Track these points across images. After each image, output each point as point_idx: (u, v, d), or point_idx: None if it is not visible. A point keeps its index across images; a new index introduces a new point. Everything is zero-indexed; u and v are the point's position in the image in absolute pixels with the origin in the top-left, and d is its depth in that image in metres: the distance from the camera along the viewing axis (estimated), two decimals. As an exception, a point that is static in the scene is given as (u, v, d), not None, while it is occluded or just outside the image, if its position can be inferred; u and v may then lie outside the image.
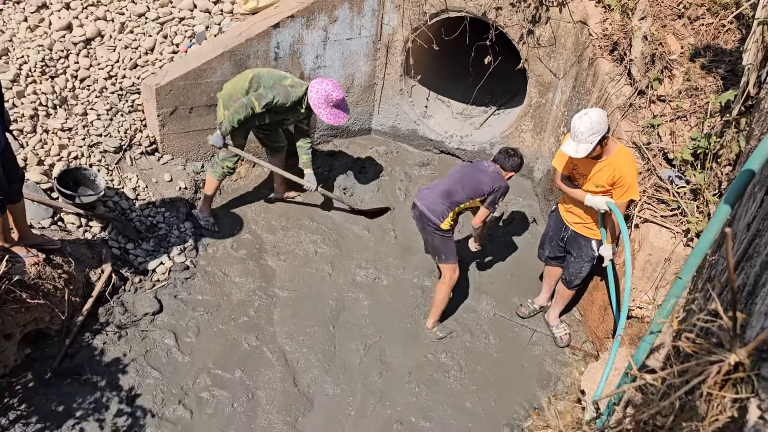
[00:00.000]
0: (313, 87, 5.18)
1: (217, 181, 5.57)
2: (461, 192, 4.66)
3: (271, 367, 4.71)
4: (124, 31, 5.92)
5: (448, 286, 4.93)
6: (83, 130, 5.41)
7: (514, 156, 4.78)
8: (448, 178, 4.80)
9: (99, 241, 5.05)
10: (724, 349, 1.10)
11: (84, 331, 4.65)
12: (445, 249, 4.80)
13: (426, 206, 4.70)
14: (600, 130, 3.94)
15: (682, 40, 5.15)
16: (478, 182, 4.65)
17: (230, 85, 5.24)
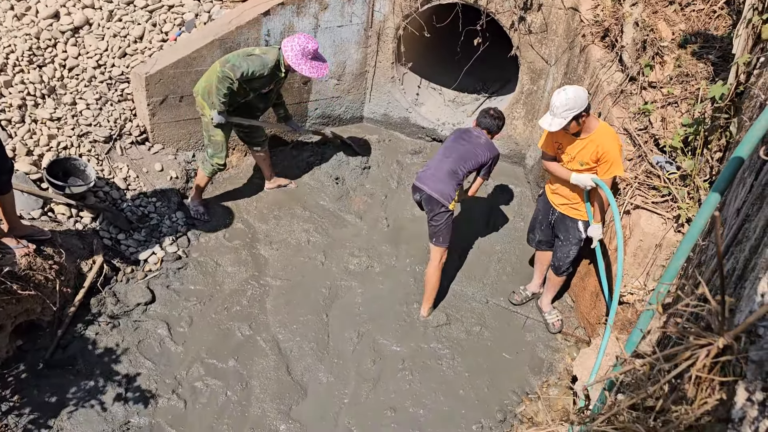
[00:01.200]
0: (286, 46, 5.05)
1: (207, 177, 5.57)
2: (464, 168, 4.74)
3: (265, 356, 4.72)
4: (112, 19, 5.86)
5: (439, 269, 4.96)
6: (72, 119, 5.36)
7: (498, 118, 4.88)
8: (448, 157, 4.76)
9: (90, 231, 5.02)
10: (713, 333, 1.11)
11: (76, 321, 4.64)
12: (446, 231, 4.83)
13: (434, 190, 4.69)
14: (575, 107, 3.98)
15: (674, 26, 5.15)
16: (477, 155, 4.75)
17: (203, 81, 5.17)
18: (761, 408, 0.92)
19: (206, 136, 5.38)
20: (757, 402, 0.94)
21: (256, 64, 4.97)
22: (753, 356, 1.05)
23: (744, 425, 0.94)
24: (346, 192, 6.25)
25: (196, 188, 5.65)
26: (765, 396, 0.92)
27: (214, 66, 5.14)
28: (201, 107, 5.24)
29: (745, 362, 1.05)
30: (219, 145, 5.37)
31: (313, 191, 6.22)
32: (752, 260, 1.77)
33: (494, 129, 4.87)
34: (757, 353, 1.03)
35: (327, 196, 6.17)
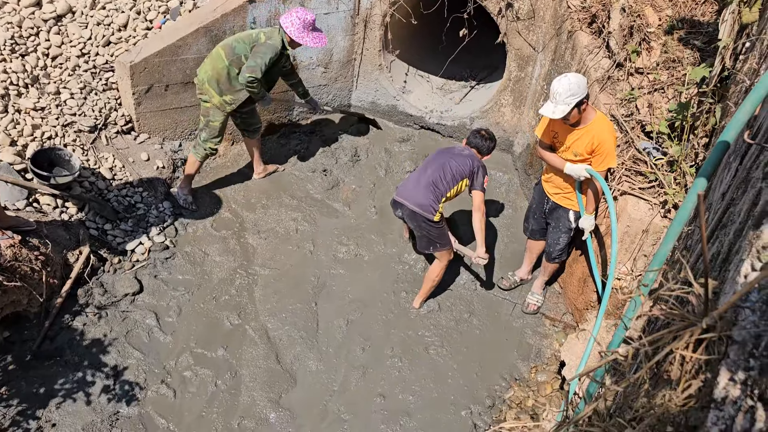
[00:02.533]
0: (286, 22, 5.10)
1: (198, 161, 5.54)
2: (444, 180, 4.62)
3: (254, 345, 4.72)
4: (96, 7, 5.78)
5: (442, 269, 4.95)
6: (56, 109, 5.30)
7: (489, 139, 4.82)
8: (427, 170, 4.68)
9: (76, 222, 4.98)
10: (697, 315, 1.12)
11: (63, 313, 4.60)
12: (440, 238, 4.76)
13: (415, 203, 4.59)
14: (578, 93, 3.96)
15: (660, 12, 5.16)
16: (458, 165, 4.66)
17: (208, 68, 5.14)
18: (743, 387, 0.93)
19: (204, 121, 5.37)
20: (739, 381, 0.95)
21: (269, 53, 5.04)
22: (736, 336, 1.06)
23: (726, 405, 0.95)
24: (335, 181, 6.23)
25: (186, 176, 5.62)
26: (747, 376, 0.93)
27: (216, 52, 5.14)
28: (206, 94, 5.22)
29: (728, 342, 1.06)
30: (216, 131, 5.38)
31: (301, 181, 6.20)
32: (736, 243, 1.78)
33: (484, 150, 4.80)
34: (740, 333, 1.04)
35: (315, 186, 6.15)
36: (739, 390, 0.94)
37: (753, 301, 1.07)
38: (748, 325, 1.02)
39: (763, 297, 1.04)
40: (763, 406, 0.85)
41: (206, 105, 5.29)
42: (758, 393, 0.88)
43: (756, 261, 1.17)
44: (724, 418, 0.94)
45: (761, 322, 0.98)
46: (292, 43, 5.22)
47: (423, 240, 4.81)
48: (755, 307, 1.05)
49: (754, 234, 1.26)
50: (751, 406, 0.88)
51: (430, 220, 4.61)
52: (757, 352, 0.94)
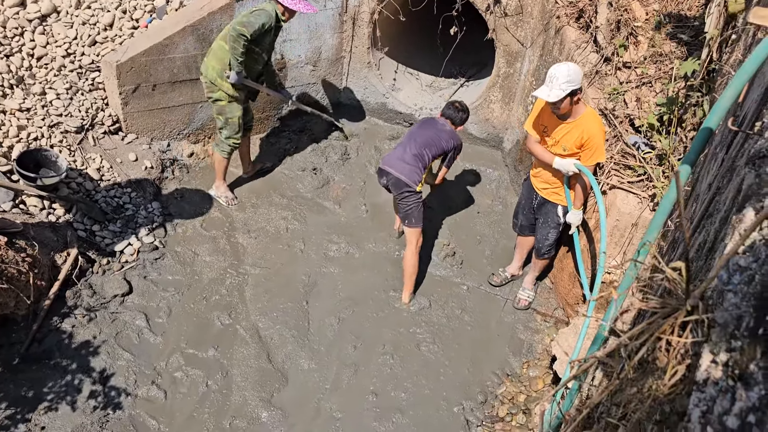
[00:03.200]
0: None
1: (225, 159, 5.61)
2: (429, 153, 4.84)
3: (245, 345, 4.69)
4: (81, 7, 5.74)
5: (415, 253, 4.97)
6: (42, 110, 5.25)
7: (462, 111, 4.98)
8: (413, 141, 4.85)
9: (63, 223, 4.94)
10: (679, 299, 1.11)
11: (51, 315, 4.56)
12: (416, 212, 4.87)
13: (401, 172, 4.76)
14: (574, 81, 3.97)
15: (647, 6, 5.17)
16: (441, 140, 4.85)
17: (213, 63, 5.15)
18: (725, 369, 0.92)
19: (222, 120, 5.40)
20: (721, 363, 0.94)
21: (263, 17, 4.98)
22: (718, 318, 1.05)
23: (708, 386, 0.94)
24: (325, 180, 6.21)
25: (219, 175, 5.70)
26: (729, 357, 0.93)
27: (217, 45, 5.15)
28: (220, 89, 5.22)
29: (710, 324, 1.05)
30: (236, 126, 5.43)
31: (291, 179, 6.18)
32: (722, 231, 1.78)
33: (457, 120, 4.97)
34: (722, 315, 1.03)
35: (305, 184, 6.13)
36: (720, 371, 0.93)
37: (735, 283, 1.07)
38: (731, 307, 1.01)
39: (745, 279, 1.03)
40: (744, 386, 0.85)
41: (220, 104, 5.31)
42: (739, 373, 0.87)
43: (739, 244, 1.17)
44: (705, 399, 0.93)
45: (742, 304, 0.98)
46: (286, 14, 5.17)
47: (401, 211, 4.95)
48: (737, 289, 1.04)
49: (737, 218, 1.26)
50: (732, 386, 0.87)
51: (412, 189, 4.77)
52: (738, 333, 0.94)
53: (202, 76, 5.28)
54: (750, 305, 0.95)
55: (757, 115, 1.87)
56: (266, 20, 4.99)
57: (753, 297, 0.95)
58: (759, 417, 0.77)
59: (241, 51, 4.98)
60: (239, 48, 4.96)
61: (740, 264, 1.10)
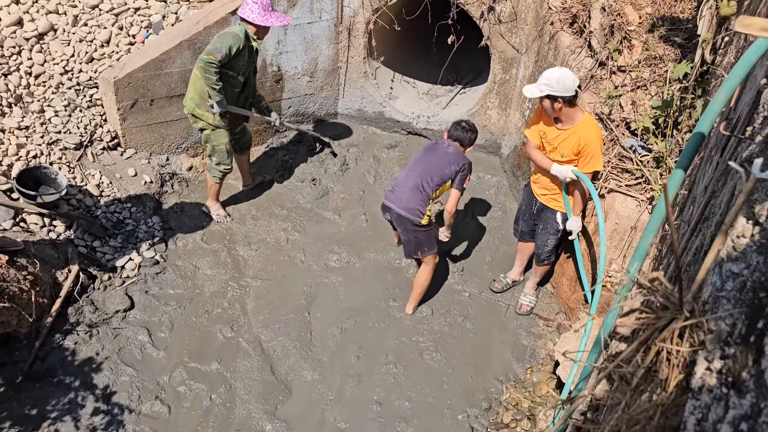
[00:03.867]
0: (244, 11, 4.97)
1: (218, 184, 5.60)
2: (431, 182, 4.55)
3: (248, 357, 4.69)
4: (77, 24, 5.77)
5: (430, 273, 4.93)
6: (41, 127, 5.28)
7: (470, 131, 4.71)
8: (413, 171, 4.63)
9: (64, 240, 4.95)
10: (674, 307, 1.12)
11: (54, 332, 4.57)
12: (428, 242, 4.72)
13: (402, 207, 4.55)
14: (554, 87, 4.01)
15: (640, 10, 5.20)
16: (443, 166, 4.58)
17: (193, 93, 5.11)
18: (719, 376, 0.93)
19: (209, 147, 5.37)
20: (715, 370, 0.95)
21: (230, 40, 4.87)
22: (713, 325, 1.06)
23: (703, 393, 0.95)
24: (324, 190, 6.23)
25: (211, 196, 5.71)
26: (722, 364, 0.94)
27: (194, 74, 5.09)
28: (201, 119, 5.19)
29: (704, 331, 1.06)
30: (223, 152, 5.39)
31: (290, 191, 6.20)
32: (718, 235, 1.79)
33: (466, 141, 4.70)
34: (717, 322, 1.04)
35: (304, 195, 6.15)
36: (715, 378, 0.94)
37: (728, 290, 1.08)
38: (724, 313, 1.02)
39: (737, 285, 1.04)
40: (737, 393, 0.85)
41: (206, 133, 5.28)
42: (732, 381, 0.88)
43: (731, 250, 1.18)
44: (700, 407, 0.94)
45: (735, 311, 0.98)
46: (258, 32, 5.08)
47: (410, 244, 4.77)
48: (730, 295, 1.05)
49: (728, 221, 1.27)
50: (726, 394, 0.88)
51: (418, 224, 4.59)
52: (731, 340, 0.95)
53: (184, 108, 5.24)
54: (742, 312, 0.95)
55: (748, 119, 1.88)
56: (233, 42, 4.88)
57: (745, 304, 0.96)
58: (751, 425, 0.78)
59: (214, 79, 4.90)
60: (212, 77, 4.88)
61: (733, 270, 1.11)
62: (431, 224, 4.71)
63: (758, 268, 0.98)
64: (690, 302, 1.05)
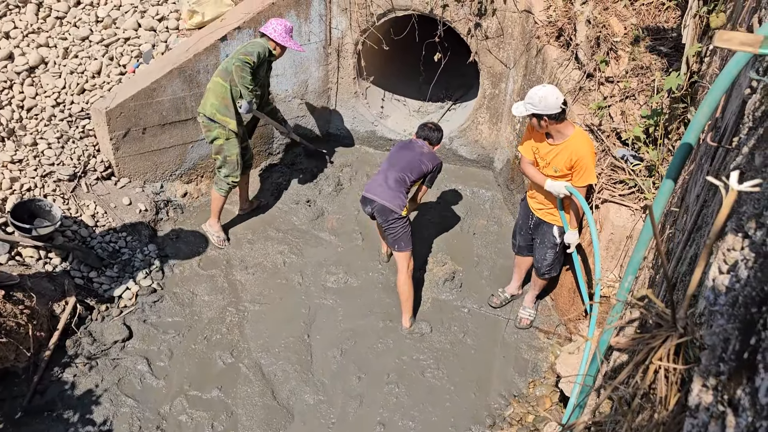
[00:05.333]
0: (269, 29, 5.23)
1: (223, 197, 5.62)
2: (411, 176, 4.87)
3: (249, 383, 4.66)
4: (68, 57, 5.80)
5: (408, 276, 4.98)
6: (34, 160, 5.29)
7: (436, 130, 5.04)
8: (394, 167, 4.89)
9: (60, 272, 4.93)
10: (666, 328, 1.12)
11: (52, 365, 4.54)
12: (404, 236, 4.89)
13: (385, 199, 4.79)
14: (537, 105, 4.03)
15: (625, 21, 5.25)
16: (421, 163, 4.89)
17: (213, 100, 5.20)
18: (715, 393, 0.93)
19: (220, 158, 5.43)
20: (711, 387, 0.95)
21: (258, 47, 5.15)
22: (707, 341, 1.06)
23: (700, 412, 0.95)
24: (320, 211, 6.24)
25: (214, 214, 5.70)
26: (718, 381, 0.93)
27: (214, 82, 5.21)
28: (219, 125, 5.27)
29: (699, 348, 1.06)
30: (234, 164, 5.45)
31: (285, 213, 6.20)
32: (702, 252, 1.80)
33: (434, 140, 5.02)
34: (711, 338, 1.04)
35: (299, 217, 6.15)
36: (711, 396, 0.94)
37: (721, 304, 1.08)
38: (718, 329, 1.02)
39: (730, 300, 1.04)
40: (733, 411, 0.85)
41: (218, 142, 5.34)
42: (728, 398, 0.88)
43: (723, 264, 1.18)
44: (698, 425, 0.94)
45: (728, 326, 0.99)
46: (278, 48, 5.32)
47: (390, 237, 4.96)
48: (723, 310, 1.05)
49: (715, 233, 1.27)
50: (722, 412, 0.88)
51: (398, 215, 4.80)
52: (726, 356, 0.95)
53: (200, 115, 5.31)
54: (735, 327, 0.96)
55: (735, 129, 1.90)
56: (261, 50, 5.15)
57: (738, 319, 0.96)
58: (749, 444, 0.78)
59: (249, 79, 5.12)
60: (247, 76, 5.10)
61: (725, 284, 1.11)
62: (408, 219, 4.92)
63: (749, 283, 0.98)
64: (683, 319, 1.05)
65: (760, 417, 0.75)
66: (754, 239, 1.08)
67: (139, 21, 6.06)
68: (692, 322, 1.09)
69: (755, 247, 1.06)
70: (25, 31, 5.74)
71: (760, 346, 0.81)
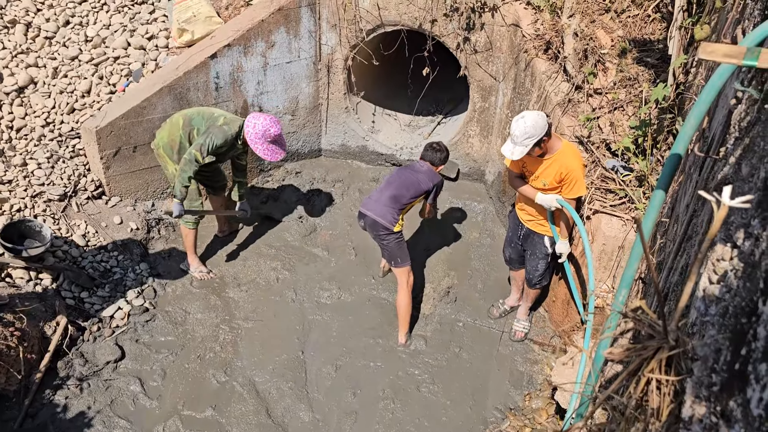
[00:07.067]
0: (249, 122, 4.97)
1: (192, 230, 5.40)
2: (406, 195, 4.87)
3: (243, 401, 4.62)
4: (57, 76, 5.80)
5: (407, 292, 4.96)
6: (24, 180, 5.26)
7: (440, 150, 5.02)
8: (391, 184, 4.93)
9: (51, 293, 4.89)
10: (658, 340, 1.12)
11: (44, 388, 4.49)
12: (399, 252, 4.89)
13: (377, 214, 4.81)
14: (535, 134, 3.99)
15: (612, 33, 5.31)
16: (419, 183, 4.91)
17: (165, 135, 5.08)
18: (708, 404, 0.93)
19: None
20: (704, 398, 0.94)
21: (218, 137, 4.89)
22: (699, 351, 1.06)
23: (693, 424, 0.95)
24: (312, 227, 6.22)
25: (188, 250, 5.49)
26: (710, 392, 0.93)
27: (175, 119, 5.08)
28: (162, 161, 5.17)
29: (691, 359, 1.06)
30: (193, 194, 5.28)
31: (278, 229, 6.18)
32: (691, 267, 1.80)
33: (437, 161, 5.00)
34: (703, 348, 1.04)
35: (292, 233, 6.13)
36: (704, 408, 0.93)
37: (712, 314, 1.08)
38: (709, 339, 1.02)
39: (720, 310, 1.04)
40: (726, 423, 0.85)
41: (171, 173, 5.18)
42: (720, 410, 0.88)
43: (713, 274, 1.19)
44: (692, 437, 0.93)
45: (719, 336, 0.99)
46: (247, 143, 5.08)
47: (385, 252, 4.99)
48: (714, 320, 1.05)
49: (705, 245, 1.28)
50: (715, 423, 0.88)
51: (389, 229, 4.81)
52: (717, 367, 0.95)
53: (154, 145, 5.18)
54: (726, 338, 0.96)
55: (722, 139, 1.92)
56: (220, 141, 4.88)
57: (728, 329, 0.96)
58: (742, 456, 0.78)
59: (188, 176, 4.85)
60: (188, 172, 4.83)
61: (716, 294, 1.11)
62: (401, 233, 4.94)
63: (738, 293, 0.98)
64: (674, 331, 1.05)
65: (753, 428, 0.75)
66: (743, 249, 1.09)
67: (129, 40, 6.07)
68: (684, 333, 1.09)
69: (744, 257, 1.06)
70: (14, 51, 5.74)
71: (751, 357, 0.81)
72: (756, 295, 0.87)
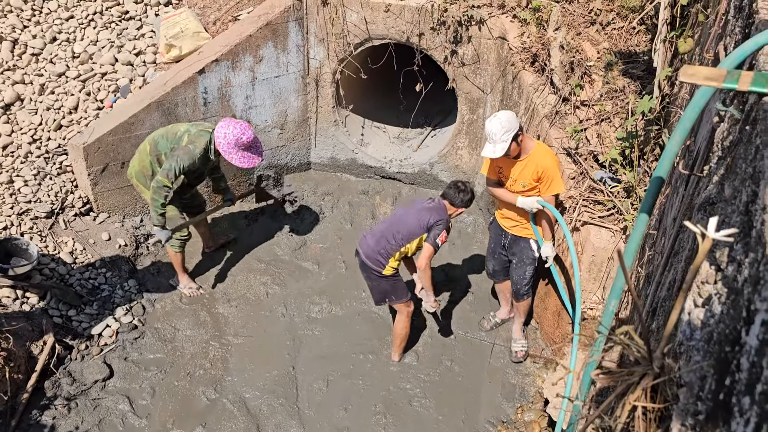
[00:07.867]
0: (219, 133, 4.85)
1: (179, 253, 5.35)
2: (396, 235, 4.51)
3: (233, 419, 4.58)
4: (44, 93, 5.77)
5: (407, 320, 4.88)
6: (10, 198, 5.22)
7: (464, 191, 4.60)
8: (384, 223, 4.68)
9: (38, 311, 4.84)
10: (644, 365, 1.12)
11: (30, 408, 4.44)
12: (394, 291, 4.70)
13: (366, 255, 4.58)
14: (511, 129, 4.14)
15: (597, 46, 5.35)
16: (414, 222, 4.51)
17: (136, 163, 5.05)
18: (694, 433, 0.92)
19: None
20: (689, 427, 0.94)
21: (185, 159, 4.78)
22: (685, 377, 1.06)
23: (679, 453, 0.94)
24: (302, 241, 6.21)
25: (177, 269, 5.44)
26: (695, 421, 0.93)
27: (142, 146, 5.02)
28: (140, 189, 5.13)
29: (677, 385, 1.06)
30: (175, 221, 5.19)
31: (268, 244, 6.15)
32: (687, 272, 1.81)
33: (455, 199, 4.59)
34: (688, 375, 1.04)
35: (282, 247, 6.11)
36: (690, 436, 0.93)
37: (697, 339, 1.08)
38: (695, 366, 1.02)
39: (705, 336, 1.05)
40: (711, 455, 0.85)
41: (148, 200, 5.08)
42: (706, 441, 0.88)
43: (697, 297, 1.19)
44: (678, 468, 0.93)
45: (704, 363, 0.99)
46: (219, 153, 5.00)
47: (375, 292, 4.77)
48: (699, 346, 1.05)
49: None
50: (701, 455, 0.87)
51: (379, 273, 4.58)
52: (703, 395, 0.94)
53: (129, 175, 5.15)
54: (711, 365, 0.96)
55: (706, 156, 1.93)
56: (188, 163, 4.78)
57: (713, 356, 0.97)
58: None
59: (161, 203, 4.81)
60: (159, 199, 4.79)
61: (700, 319, 1.12)
62: (396, 274, 4.66)
63: (722, 319, 0.98)
64: (659, 358, 1.05)
65: (737, 463, 0.75)
66: (726, 273, 1.09)
67: (116, 56, 6.06)
68: (670, 360, 1.09)
69: (727, 282, 1.06)
70: (0, 68, 5.71)
71: (734, 389, 0.81)
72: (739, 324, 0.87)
